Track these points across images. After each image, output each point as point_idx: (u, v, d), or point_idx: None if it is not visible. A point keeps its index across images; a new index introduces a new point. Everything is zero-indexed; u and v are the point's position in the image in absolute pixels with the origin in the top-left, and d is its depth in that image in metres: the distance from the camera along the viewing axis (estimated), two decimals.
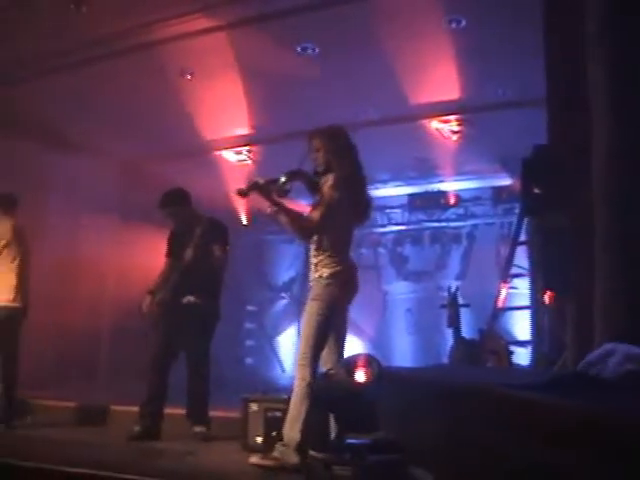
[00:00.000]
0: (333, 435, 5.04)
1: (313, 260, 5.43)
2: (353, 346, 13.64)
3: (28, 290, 8.21)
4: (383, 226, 15.17)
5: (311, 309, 5.33)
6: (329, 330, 5.35)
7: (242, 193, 5.41)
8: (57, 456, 5.44)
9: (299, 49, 9.66)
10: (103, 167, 13.69)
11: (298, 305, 13.50)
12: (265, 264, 16.14)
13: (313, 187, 5.49)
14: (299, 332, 5.45)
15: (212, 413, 7.27)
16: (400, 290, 14.67)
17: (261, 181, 5.38)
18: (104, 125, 12.01)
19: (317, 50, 9.66)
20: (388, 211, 15.10)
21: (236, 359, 15.34)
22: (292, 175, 5.42)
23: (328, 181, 5.39)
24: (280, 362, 15.08)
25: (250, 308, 15.96)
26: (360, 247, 14.73)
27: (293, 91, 10.23)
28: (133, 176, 14.09)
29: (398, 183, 14.50)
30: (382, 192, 14.65)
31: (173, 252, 7.54)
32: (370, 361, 5.21)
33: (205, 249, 7.28)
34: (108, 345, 14.58)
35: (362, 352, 5.75)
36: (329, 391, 5.12)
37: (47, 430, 7.74)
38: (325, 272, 5.33)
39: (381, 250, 15.10)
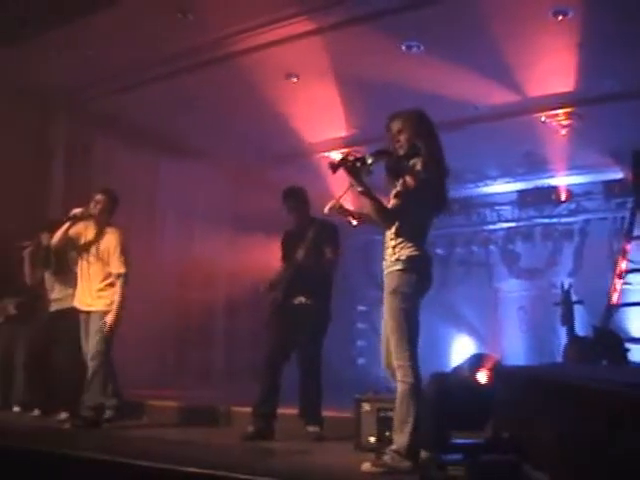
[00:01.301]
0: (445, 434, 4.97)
1: (390, 243, 5.23)
2: (465, 344, 13.60)
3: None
4: (493, 223, 15.02)
5: (393, 305, 5.14)
6: (417, 322, 5.14)
7: (333, 167, 5.25)
8: (172, 456, 5.53)
9: (404, 47, 9.63)
10: (215, 172, 13.87)
11: None
12: (375, 264, 16.04)
13: (397, 169, 5.30)
14: (387, 331, 5.21)
15: (325, 413, 7.29)
16: (512, 288, 14.49)
17: (351, 158, 5.24)
18: (213, 130, 12.18)
19: (422, 48, 9.61)
20: (498, 208, 14.95)
21: (348, 359, 15.38)
22: (379, 155, 5.26)
23: (417, 164, 5.21)
24: None
25: (361, 308, 15.97)
26: (470, 245, 14.63)
27: (398, 90, 10.18)
28: (244, 180, 14.26)
29: (507, 179, 14.34)
30: (491, 189, 14.53)
31: (286, 254, 7.60)
32: (494, 364, 5.12)
33: (317, 251, 7.34)
34: (222, 346, 14.75)
35: (487, 353, 5.65)
36: (444, 389, 5.05)
37: (163, 430, 7.87)
38: (403, 255, 5.13)
39: (492, 248, 14.93)
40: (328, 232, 7.47)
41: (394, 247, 5.20)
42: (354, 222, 5.34)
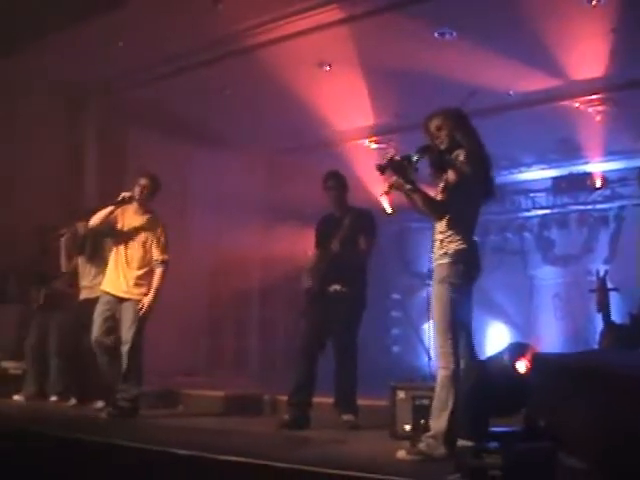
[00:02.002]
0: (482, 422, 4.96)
1: (439, 236, 5.27)
2: (500, 332, 13.56)
3: None
4: (528, 210, 14.94)
5: (439, 293, 5.20)
6: (461, 313, 5.20)
7: (381, 168, 5.30)
8: (208, 444, 5.55)
9: (436, 34, 9.59)
10: (247, 161, 13.90)
11: None
12: (409, 252, 16.08)
13: (441, 163, 5.35)
14: (431, 319, 5.27)
15: (360, 401, 7.28)
16: (547, 275, 14.41)
17: (397, 158, 5.29)
18: (246, 120, 12.20)
19: (455, 34, 9.57)
20: (532, 195, 14.87)
21: (382, 347, 15.38)
22: (423, 151, 5.32)
23: (459, 156, 5.24)
24: (426, 350, 15.00)
25: (395, 296, 15.96)
26: (505, 232, 14.56)
27: (431, 77, 10.15)
28: (276, 169, 14.29)
29: (542, 166, 14.25)
30: (526, 175, 14.45)
31: (321, 242, 7.60)
32: (534, 354, 5.09)
33: (352, 240, 7.32)
34: (257, 335, 14.81)
35: (527, 342, 5.62)
36: (482, 377, 5.03)
37: (198, 419, 7.93)
38: (451, 249, 5.18)
39: (526, 235, 14.86)
40: (364, 221, 7.47)
41: (442, 241, 5.25)
42: (406, 186, 5.33)
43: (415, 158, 5.21)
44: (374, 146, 13.18)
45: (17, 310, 9.91)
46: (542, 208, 14.82)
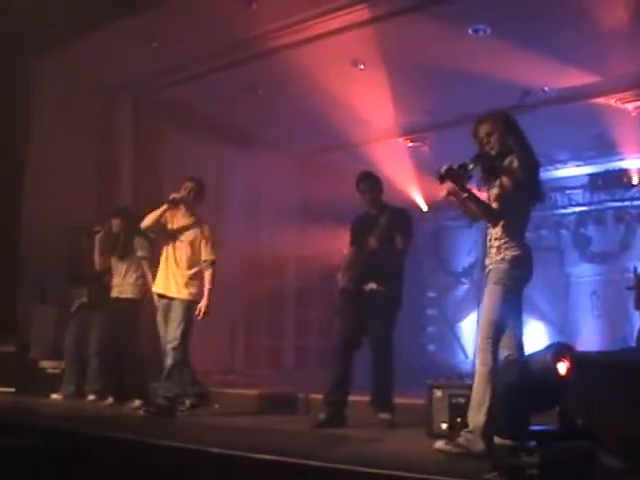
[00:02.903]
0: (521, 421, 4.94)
1: (495, 243, 5.31)
2: (537, 330, 13.49)
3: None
4: (564, 207, 14.84)
5: (493, 293, 5.23)
6: (511, 314, 5.23)
7: (441, 178, 5.36)
8: (243, 443, 5.57)
9: (470, 31, 9.55)
10: (282, 160, 13.93)
11: (478, 290, 13.36)
12: (445, 250, 16.06)
13: (493, 169, 5.38)
14: (479, 317, 5.30)
15: (396, 400, 7.25)
16: (584, 272, 14.30)
17: (455, 166, 5.33)
18: (280, 120, 12.22)
19: (489, 31, 9.52)
20: (568, 192, 14.77)
21: (418, 346, 15.35)
22: (478, 159, 5.35)
23: (513, 162, 5.26)
24: (462, 348, 14.98)
25: (431, 294, 15.93)
26: (540, 229, 14.46)
27: (465, 74, 10.11)
28: (311, 168, 14.30)
29: (578, 163, 14.15)
30: (562, 172, 14.34)
31: (356, 240, 7.59)
32: (573, 355, 5.08)
33: (389, 238, 7.30)
34: (292, 334, 14.84)
35: (569, 344, 5.62)
36: (521, 376, 5.01)
37: (233, 418, 7.93)
38: (508, 255, 5.23)
39: (563, 232, 14.77)
40: (401, 220, 7.45)
41: (498, 247, 5.29)
42: (462, 194, 5.38)
43: (471, 167, 5.27)
44: (408, 144, 13.16)
45: (55, 310, 9.98)
46: (578, 205, 14.71)
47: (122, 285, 8.89)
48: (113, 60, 10.46)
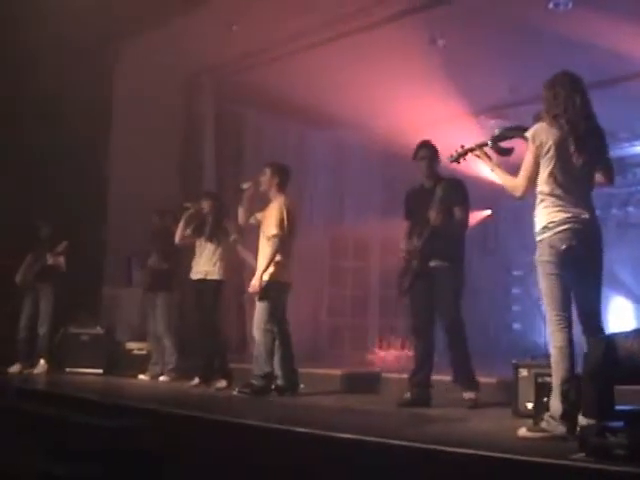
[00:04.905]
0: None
1: (534, 214, 5.29)
2: (622, 306, 13.28)
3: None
4: None
5: (539, 272, 5.17)
6: (568, 290, 5.10)
7: (452, 160, 5.36)
8: (330, 423, 5.61)
9: (551, 5, 9.40)
10: (363, 140, 13.92)
11: None
12: (529, 227, 15.87)
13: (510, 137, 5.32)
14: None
15: (482, 379, 7.22)
16: None
17: (471, 145, 5.28)
18: (361, 100, 12.19)
19: (570, 5, 9.36)
20: None
21: (504, 325, 15.23)
22: (505, 131, 5.25)
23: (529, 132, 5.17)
24: None
25: (516, 273, 15.76)
26: (627, 206, 14.22)
27: (546, 49, 9.96)
28: (393, 148, 14.24)
29: None
30: None
31: (412, 214, 7.46)
32: None
33: (447, 211, 7.18)
34: (377, 314, 14.85)
35: None
36: (608, 356, 4.93)
37: (318, 398, 7.98)
38: (537, 227, 5.21)
39: None
40: (457, 190, 7.29)
41: (535, 218, 5.29)
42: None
43: (490, 143, 5.62)
44: (490, 122, 13.02)
45: (140, 293, 10.17)
46: None
47: (208, 267, 8.96)
48: (194, 46, 10.56)
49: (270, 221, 7.99)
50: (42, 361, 9.88)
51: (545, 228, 5.15)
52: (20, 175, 10.09)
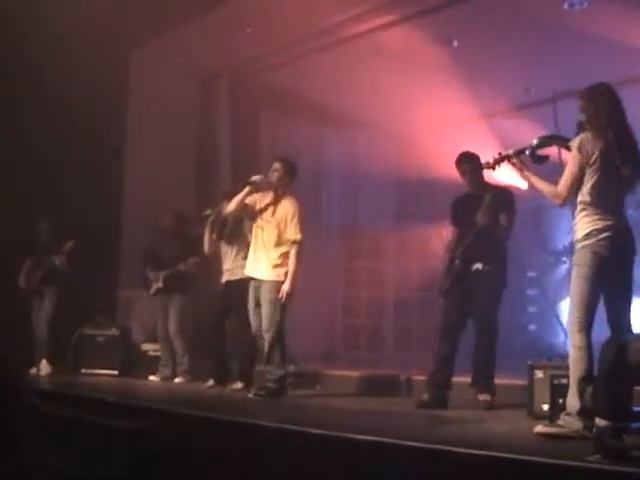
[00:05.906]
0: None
1: (573, 222, 5.35)
2: None
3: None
4: None
5: (575, 274, 5.24)
6: (598, 295, 5.20)
7: (489, 166, 5.40)
8: (346, 424, 5.61)
9: (566, 5, 9.36)
10: (378, 141, 13.89)
11: None
12: (545, 228, 15.78)
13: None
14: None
15: (497, 381, 7.21)
16: None
17: (509, 152, 5.32)
18: (376, 100, 12.17)
19: (585, 4, 9.31)
20: None
21: (519, 326, 15.16)
22: (545, 140, 5.28)
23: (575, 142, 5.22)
24: (563, 328, 14.73)
25: (531, 274, 15.67)
26: None
27: (562, 49, 9.92)
28: (408, 149, 14.22)
29: None
30: None
31: (459, 220, 7.54)
32: None
33: (493, 217, 7.23)
34: (392, 316, 14.80)
35: None
36: (624, 356, 4.91)
37: (334, 399, 7.98)
38: (579, 234, 5.23)
39: None
40: (504, 198, 7.38)
41: (574, 226, 5.34)
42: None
43: (528, 153, 5.59)
44: (506, 122, 12.96)
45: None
46: None
47: (232, 268, 8.91)
48: (208, 47, 10.58)
49: (289, 223, 7.97)
50: (44, 362, 9.92)
51: (588, 235, 5.22)
52: (33, 176, 10.16)
